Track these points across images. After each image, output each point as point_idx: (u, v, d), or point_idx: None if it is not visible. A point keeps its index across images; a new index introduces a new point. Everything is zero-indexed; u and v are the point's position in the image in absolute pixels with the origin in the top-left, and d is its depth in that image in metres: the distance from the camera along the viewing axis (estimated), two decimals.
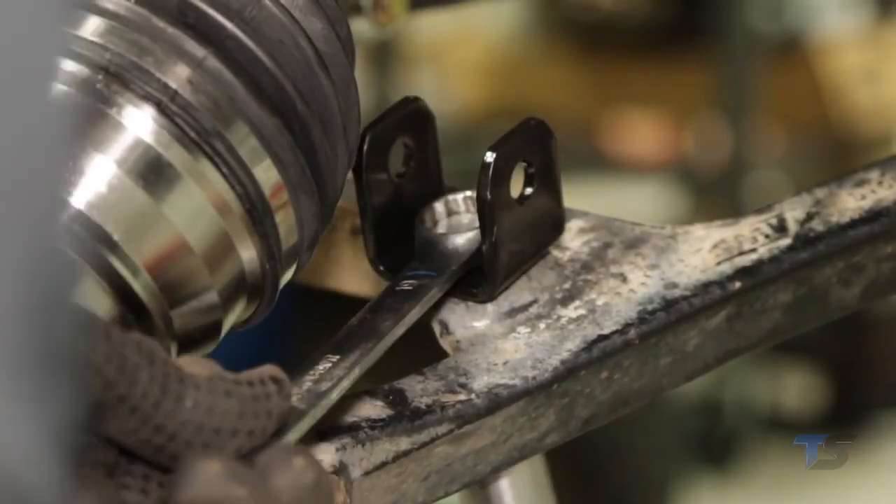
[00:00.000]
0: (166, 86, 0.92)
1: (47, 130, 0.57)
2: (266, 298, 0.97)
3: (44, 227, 0.55)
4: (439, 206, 1.07)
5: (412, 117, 1.07)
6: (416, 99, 1.12)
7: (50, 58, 0.61)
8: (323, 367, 0.96)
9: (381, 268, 1.07)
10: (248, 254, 0.94)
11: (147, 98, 0.91)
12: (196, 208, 0.93)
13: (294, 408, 0.90)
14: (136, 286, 0.91)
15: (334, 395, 0.95)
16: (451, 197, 1.07)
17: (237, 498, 0.81)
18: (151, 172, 0.91)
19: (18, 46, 0.55)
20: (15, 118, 0.54)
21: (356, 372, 0.98)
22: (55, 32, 0.59)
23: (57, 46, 0.61)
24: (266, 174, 0.94)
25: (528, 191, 1.06)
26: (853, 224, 1.12)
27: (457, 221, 1.07)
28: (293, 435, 0.88)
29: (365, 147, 1.04)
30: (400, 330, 1.03)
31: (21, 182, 0.55)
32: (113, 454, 0.82)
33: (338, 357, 0.97)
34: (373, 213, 1.05)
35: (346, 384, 0.96)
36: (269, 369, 0.87)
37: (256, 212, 0.94)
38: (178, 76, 0.92)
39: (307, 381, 0.93)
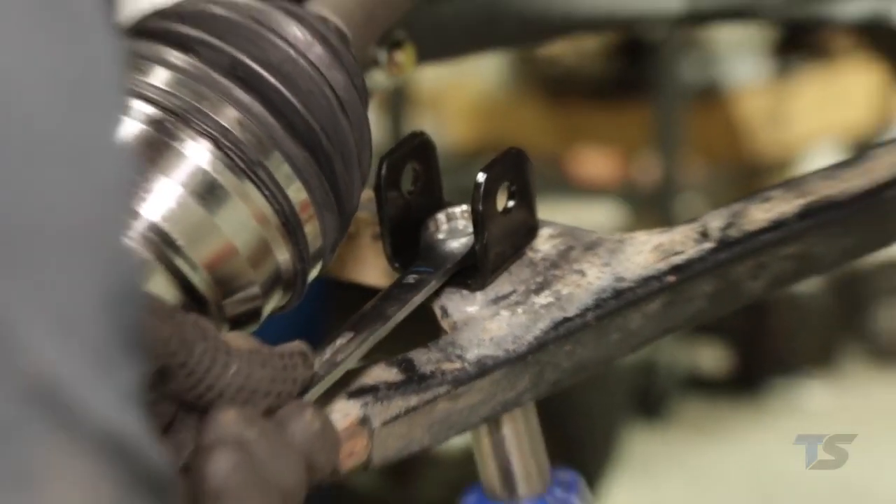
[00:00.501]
0: (220, 125, 0.94)
1: (118, 166, 0.58)
2: (297, 291, 1.00)
3: (118, 234, 0.56)
4: (440, 217, 1.09)
5: (419, 147, 1.09)
6: (422, 133, 1.14)
7: (116, 111, 0.62)
8: (340, 341, 0.98)
9: (396, 265, 1.08)
10: (282, 256, 0.97)
11: (205, 134, 0.93)
12: (242, 221, 0.95)
13: (315, 374, 0.91)
14: (196, 280, 0.94)
15: (347, 364, 0.97)
16: (449, 209, 1.10)
17: (248, 438, 0.82)
18: (207, 192, 0.94)
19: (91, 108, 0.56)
20: (99, 154, 0.55)
21: (365, 347, 1.01)
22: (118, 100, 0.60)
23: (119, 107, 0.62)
24: (297, 194, 0.96)
25: (510, 204, 1.09)
26: (760, 232, 1.14)
27: (454, 228, 1.09)
28: (311, 395, 0.92)
29: (382, 171, 1.06)
30: (403, 314, 1.05)
31: (99, 202, 0.55)
32: (173, 408, 0.82)
33: (353, 334, 0.99)
34: (389, 222, 1.08)
35: (357, 355, 0.99)
36: (297, 345, 0.91)
37: (289, 224, 0.97)
38: (229, 118, 0.95)
39: (327, 352, 0.96)
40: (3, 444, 0.51)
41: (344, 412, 0.96)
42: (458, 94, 7.43)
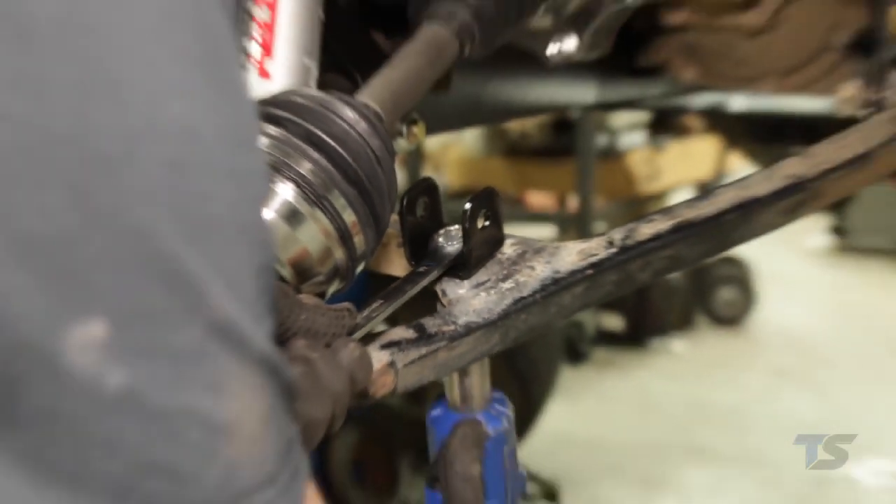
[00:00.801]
0: (299, 173, 0.92)
1: (262, 184, 0.59)
2: (348, 279, 0.98)
3: (264, 229, 0.56)
4: (441, 232, 1.08)
5: (427, 187, 1.09)
6: (429, 178, 1.13)
7: (257, 148, 0.62)
8: (374, 305, 0.99)
9: (412, 262, 1.07)
10: (339, 257, 0.96)
11: (290, 179, 0.91)
12: (313, 234, 0.94)
13: (357, 323, 0.90)
14: (284, 272, 0.92)
15: (378, 319, 0.99)
16: (447, 227, 1.09)
17: (312, 358, 0.82)
18: (291, 216, 0.92)
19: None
20: (251, 177, 0.56)
21: (390, 310, 1.02)
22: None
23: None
24: (349, 218, 0.95)
25: (486, 223, 1.07)
26: (646, 241, 1.14)
27: (449, 239, 1.08)
28: (355, 337, 0.90)
29: (404, 202, 1.05)
30: (415, 291, 1.06)
31: (254, 207, 0.56)
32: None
33: (382, 301, 0.99)
34: (408, 235, 1.07)
35: (385, 314, 1.00)
36: (345, 304, 0.92)
37: (344, 237, 0.95)
38: (305, 168, 0.93)
39: (366, 311, 0.97)
40: (200, 363, 0.52)
41: (378, 359, 0.95)
42: (451, 154, 7.47)
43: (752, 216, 1.23)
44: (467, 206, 1.08)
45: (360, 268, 1.02)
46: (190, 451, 0.50)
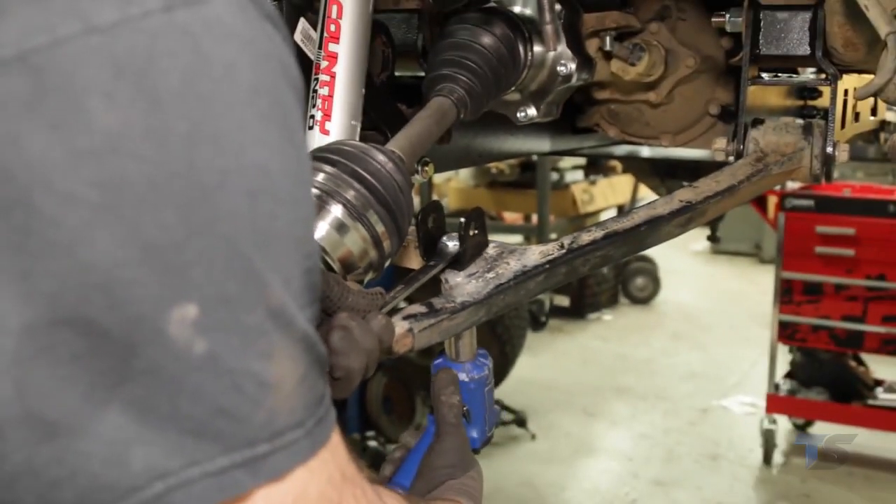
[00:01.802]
0: (346, 198, 0.91)
1: (313, 210, 0.58)
2: (379, 272, 0.97)
3: (313, 240, 0.56)
4: (445, 238, 1.07)
5: (436, 206, 1.07)
6: (437, 201, 1.12)
7: (311, 186, 0.62)
8: (398, 289, 0.97)
9: (425, 259, 1.06)
10: (373, 256, 0.94)
11: (339, 202, 0.90)
12: (355, 240, 0.92)
13: (386, 302, 0.90)
14: (335, 266, 0.91)
15: (400, 298, 0.96)
16: (449, 235, 1.07)
17: (350, 326, 0.81)
18: (340, 228, 0.91)
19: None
20: (307, 205, 0.55)
21: (409, 292, 1.00)
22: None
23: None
24: (380, 229, 0.93)
25: (475, 232, 1.06)
26: (586, 245, 1.14)
27: (451, 242, 1.06)
28: (383, 311, 0.88)
29: (419, 217, 1.03)
30: (426, 278, 1.04)
31: (307, 225, 0.56)
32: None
33: (403, 286, 0.97)
34: (422, 240, 1.05)
35: (403, 296, 0.97)
36: (378, 288, 0.90)
37: (377, 242, 0.94)
38: (350, 195, 0.92)
39: (391, 293, 0.94)
40: (259, 337, 0.50)
41: (400, 326, 0.93)
42: (451, 185, 7.43)
43: (657, 228, 1.22)
44: (462, 220, 1.07)
45: (387, 263, 1.01)
46: (246, 400, 0.50)
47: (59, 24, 0.45)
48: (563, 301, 6.91)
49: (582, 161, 7.47)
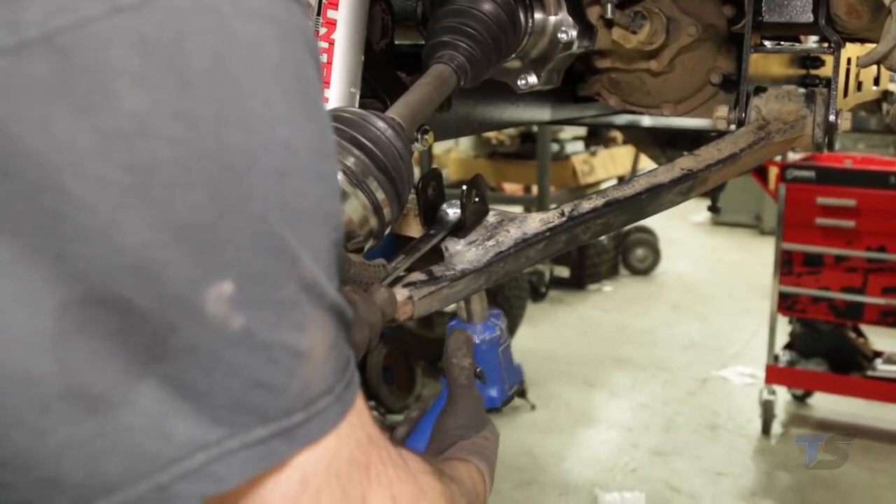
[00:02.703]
0: (346, 165, 0.91)
1: (337, 184, 0.59)
2: (379, 240, 0.96)
3: (339, 213, 0.56)
4: (445, 205, 1.07)
5: (436, 175, 1.07)
6: (436, 168, 1.11)
7: (335, 159, 0.62)
8: (399, 258, 0.97)
9: (425, 227, 1.06)
10: (373, 223, 0.94)
11: (339, 169, 0.90)
12: (355, 207, 0.92)
13: (388, 272, 0.90)
14: None
15: (401, 268, 0.96)
16: (449, 201, 1.07)
17: (354, 299, 0.82)
18: (340, 195, 0.90)
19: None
20: (333, 180, 0.56)
21: (410, 261, 1.01)
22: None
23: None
24: (380, 196, 0.93)
25: (476, 199, 1.06)
26: (587, 213, 1.14)
27: (451, 210, 1.06)
28: (385, 282, 0.88)
29: (419, 185, 1.03)
30: (427, 247, 1.04)
31: (335, 200, 0.56)
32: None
33: (404, 255, 0.98)
34: (422, 208, 1.05)
35: (406, 265, 0.98)
36: (380, 259, 0.90)
37: (377, 209, 0.93)
38: (350, 161, 0.91)
39: (393, 263, 0.95)
40: (292, 310, 0.51)
41: (401, 294, 0.94)
42: (451, 155, 7.42)
43: (658, 196, 1.22)
44: (464, 186, 1.07)
45: (387, 231, 1.01)
46: (282, 372, 0.50)
47: (84, 4, 0.45)
48: (564, 272, 6.92)
49: (582, 132, 7.45)
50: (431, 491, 0.66)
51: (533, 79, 1.42)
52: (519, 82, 1.42)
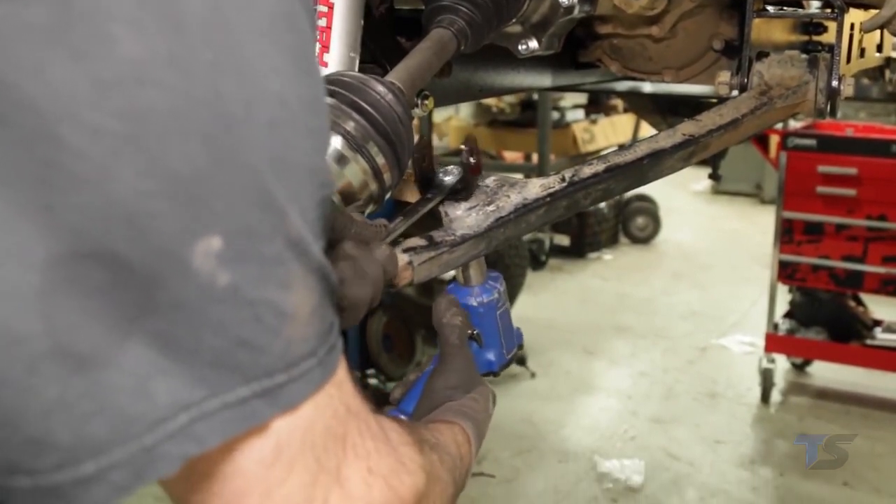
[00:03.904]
0: (346, 129, 0.90)
1: (328, 140, 0.58)
2: (379, 204, 0.96)
3: (327, 170, 0.56)
4: (443, 169, 1.06)
5: (427, 144, 1.06)
6: (423, 136, 1.12)
7: (327, 114, 0.62)
8: (398, 220, 0.98)
9: (423, 191, 1.05)
10: (373, 188, 0.93)
11: (339, 133, 0.89)
12: (355, 172, 0.91)
13: (388, 232, 0.90)
14: (334, 198, 0.90)
15: (400, 230, 0.96)
16: (447, 167, 1.06)
17: (356, 255, 0.82)
18: (340, 159, 0.90)
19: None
20: (324, 134, 0.57)
21: (408, 223, 1.00)
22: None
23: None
24: (380, 161, 0.92)
25: (472, 161, 1.05)
26: (588, 178, 1.13)
27: (450, 173, 1.06)
28: (385, 242, 0.88)
29: (416, 154, 1.02)
30: (425, 210, 1.04)
31: (322, 154, 0.56)
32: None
33: (402, 217, 0.97)
34: (420, 174, 1.04)
35: (403, 228, 0.98)
36: (382, 220, 0.89)
37: (377, 174, 0.93)
38: (350, 126, 0.90)
39: (393, 224, 0.94)
40: (278, 268, 0.51)
41: (401, 259, 0.94)
42: (451, 124, 7.41)
43: (660, 161, 1.22)
44: (463, 146, 1.06)
45: (387, 196, 1.00)
46: (265, 330, 0.50)
47: None
48: (564, 240, 6.92)
49: (583, 100, 7.43)
50: (411, 462, 0.65)
51: (534, 44, 1.41)
52: (520, 47, 1.41)
